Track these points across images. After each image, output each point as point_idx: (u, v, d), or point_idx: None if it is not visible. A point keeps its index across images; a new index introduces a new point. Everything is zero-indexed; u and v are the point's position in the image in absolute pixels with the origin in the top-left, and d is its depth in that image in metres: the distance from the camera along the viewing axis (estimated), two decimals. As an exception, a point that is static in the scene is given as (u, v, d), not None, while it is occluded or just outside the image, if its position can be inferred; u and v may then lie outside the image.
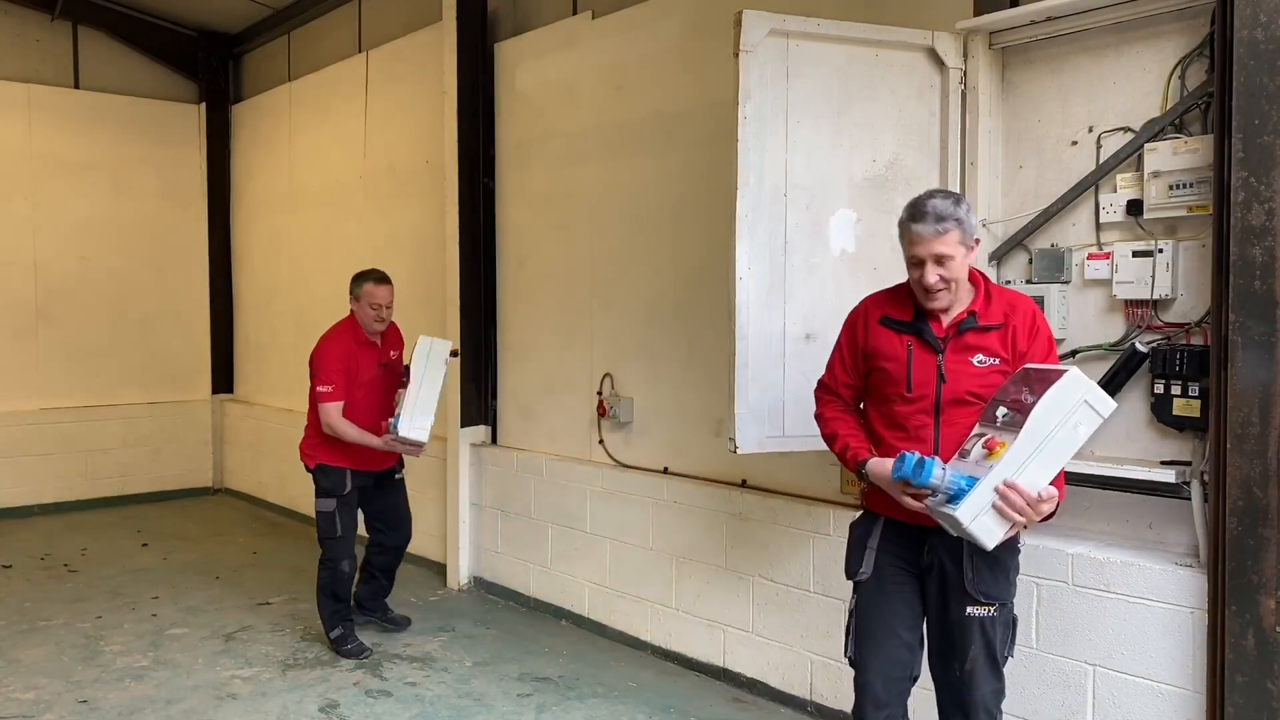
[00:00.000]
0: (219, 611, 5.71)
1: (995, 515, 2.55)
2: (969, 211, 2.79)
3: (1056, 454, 2.56)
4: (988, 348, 2.80)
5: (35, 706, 4.39)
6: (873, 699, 2.91)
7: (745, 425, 3.53)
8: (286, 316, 8.48)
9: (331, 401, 4.77)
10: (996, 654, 2.82)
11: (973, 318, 2.81)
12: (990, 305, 2.83)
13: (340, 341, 4.87)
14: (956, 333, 2.82)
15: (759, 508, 4.52)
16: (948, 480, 2.57)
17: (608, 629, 5.28)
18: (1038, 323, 2.82)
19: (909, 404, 2.85)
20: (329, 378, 4.77)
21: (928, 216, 2.74)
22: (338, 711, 4.35)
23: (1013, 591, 2.86)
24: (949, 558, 2.81)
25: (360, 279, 4.90)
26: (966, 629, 2.80)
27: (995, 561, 2.77)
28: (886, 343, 2.91)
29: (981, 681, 2.81)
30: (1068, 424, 2.54)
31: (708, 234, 4.67)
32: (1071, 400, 2.53)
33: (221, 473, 9.27)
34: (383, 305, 4.85)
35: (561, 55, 5.69)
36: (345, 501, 4.91)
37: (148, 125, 8.87)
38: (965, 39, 3.65)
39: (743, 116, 3.45)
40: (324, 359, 4.81)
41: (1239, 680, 2.96)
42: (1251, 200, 2.89)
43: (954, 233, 2.73)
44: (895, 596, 2.92)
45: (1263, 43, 2.87)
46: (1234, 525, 2.95)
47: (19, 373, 8.28)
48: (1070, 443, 2.57)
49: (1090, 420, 2.56)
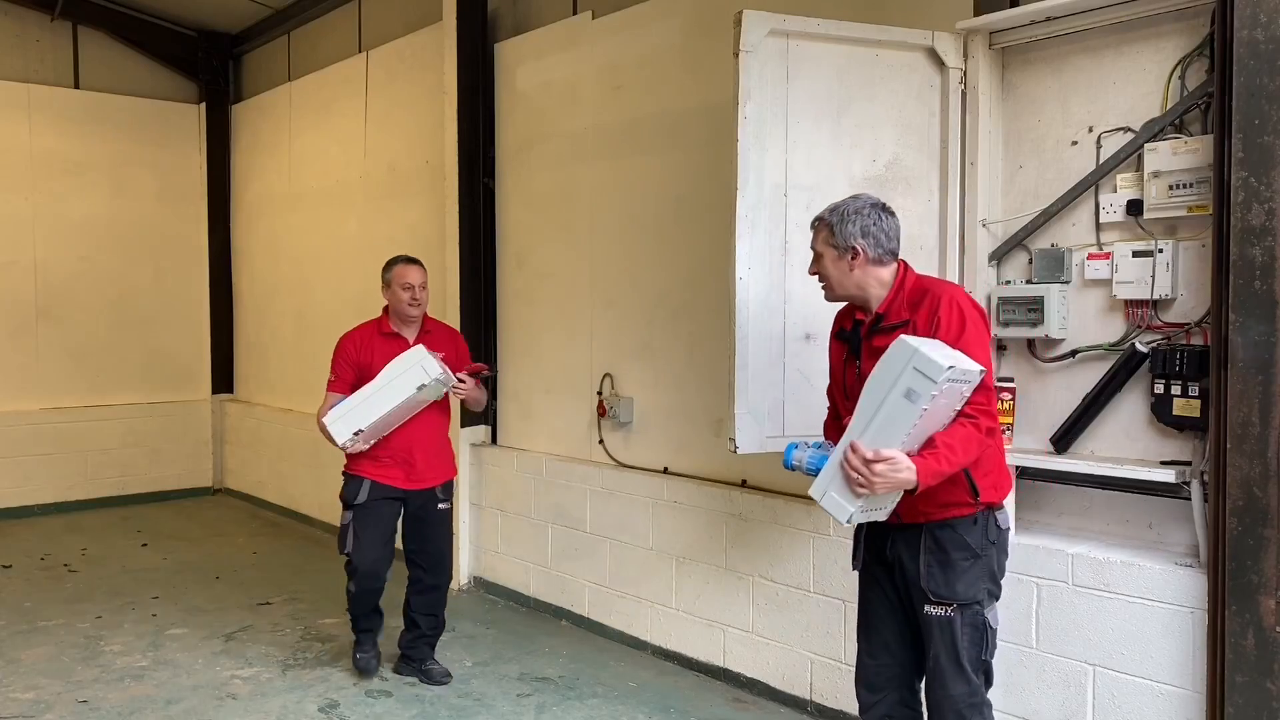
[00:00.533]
0: (219, 611, 5.71)
1: (842, 488, 2.62)
2: (851, 217, 2.83)
3: (894, 422, 2.56)
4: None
5: (35, 706, 4.39)
6: (865, 682, 3.05)
7: (745, 425, 3.53)
8: (286, 316, 8.48)
9: (330, 391, 4.46)
10: (960, 656, 2.79)
11: (878, 319, 2.88)
12: (896, 302, 2.86)
13: (357, 332, 4.52)
14: (866, 336, 2.90)
15: (759, 508, 4.52)
16: (806, 461, 2.72)
17: (608, 629, 5.28)
18: (939, 311, 2.74)
19: (849, 411, 2.85)
20: (334, 366, 4.48)
21: (818, 215, 2.96)
22: (338, 711, 4.35)
23: (976, 594, 2.81)
24: (907, 555, 2.87)
25: (390, 263, 4.51)
26: (926, 627, 2.85)
27: (947, 561, 2.80)
28: (834, 353, 3.07)
29: (948, 682, 2.81)
30: (897, 389, 2.54)
31: (708, 234, 4.67)
32: (896, 366, 2.55)
33: (221, 473, 9.27)
34: (415, 285, 4.42)
35: (562, 55, 5.69)
36: (361, 515, 4.43)
37: (148, 125, 8.87)
38: (965, 39, 3.65)
39: (743, 116, 3.45)
40: (337, 348, 4.52)
41: (1239, 680, 2.96)
42: (1251, 200, 2.89)
43: (821, 232, 2.92)
44: (874, 589, 3.03)
45: (1263, 43, 2.87)
46: (1234, 525, 2.95)
47: (19, 372, 8.29)
48: (907, 410, 2.54)
49: (922, 385, 2.51)
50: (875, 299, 2.89)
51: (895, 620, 2.98)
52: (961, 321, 2.74)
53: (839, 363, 3.02)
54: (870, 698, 3.02)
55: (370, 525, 4.46)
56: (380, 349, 4.41)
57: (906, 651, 2.99)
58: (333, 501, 7.97)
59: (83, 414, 8.53)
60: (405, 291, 4.41)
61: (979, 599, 2.83)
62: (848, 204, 2.90)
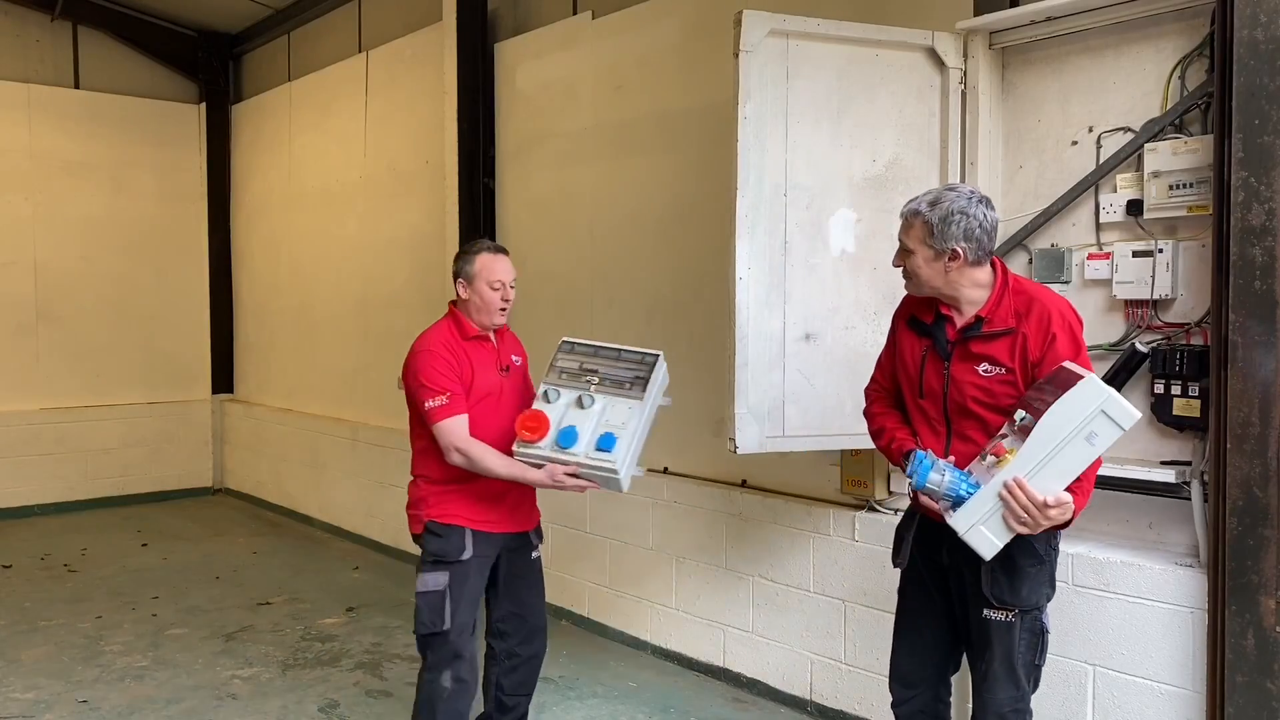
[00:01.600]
0: (219, 611, 5.71)
1: (997, 524, 2.48)
2: (954, 217, 2.61)
3: (1068, 464, 2.44)
4: (993, 356, 2.64)
5: (35, 706, 4.39)
6: (900, 678, 2.99)
7: (745, 425, 3.53)
8: (286, 316, 8.48)
9: (451, 416, 3.28)
10: (1015, 661, 2.74)
11: (978, 324, 2.67)
12: (1000, 307, 2.66)
13: (441, 338, 3.43)
14: (962, 339, 2.70)
15: (759, 508, 4.52)
16: (946, 485, 2.50)
17: (608, 629, 5.28)
18: (1053, 327, 2.59)
19: (922, 412, 2.81)
20: (438, 382, 3.29)
21: (911, 202, 2.72)
22: (338, 711, 4.35)
23: (1037, 600, 2.73)
24: (965, 561, 2.71)
25: (470, 253, 3.49)
26: (984, 632, 2.76)
27: (1012, 567, 2.68)
28: (908, 344, 2.85)
29: (996, 686, 2.76)
30: (1081, 434, 2.41)
31: (708, 234, 4.67)
32: (1086, 409, 2.40)
33: (221, 473, 9.27)
34: (505, 283, 3.45)
35: (561, 55, 5.69)
36: (460, 577, 3.37)
37: (148, 125, 8.87)
38: (965, 39, 3.65)
39: (743, 116, 3.45)
40: (423, 361, 3.35)
41: (1239, 680, 2.96)
42: (1251, 200, 2.89)
43: (916, 228, 2.67)
44: (920, 589, 2.93)
45: (1263, 43, 2.87)
46: (1234, 525, 2.95)
47: (19, 372, 8.29)
48: (1083, 453, 2.44)
49: (1108, 431, 2.41)
50: (969, 300, 2.69)
51: (938, 622, 2.91)
52: (1076, 344, 2.62)
53: (914, 357, 2.81)
54: (905, 693, 2.98)
55: (466, 592, 3.40)
56: (476, 357, 3.43)
57: (944, 651, 2.95)
58: (333, 502, 8.01)
59: (83, 414, 8.53)
60: (495, 291, 3.43)
61: (1040, 604, 2.76)
62: (950, 199, 2.64)
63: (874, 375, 3.05)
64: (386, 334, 7.15)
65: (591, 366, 3.32)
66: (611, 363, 3.32)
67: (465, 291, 3.45)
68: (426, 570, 3.38)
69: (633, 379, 3.28)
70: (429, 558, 3.39)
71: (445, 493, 3.40)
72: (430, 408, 3.28)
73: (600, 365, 3.32)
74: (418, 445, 3.46)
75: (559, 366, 3.34)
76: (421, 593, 3.37)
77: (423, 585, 3.37)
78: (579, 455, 3.16)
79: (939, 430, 2.75)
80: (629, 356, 3.33)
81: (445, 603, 3.35)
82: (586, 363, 3.33)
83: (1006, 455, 2.47)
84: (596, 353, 3.36)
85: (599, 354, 3.35)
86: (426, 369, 3.33)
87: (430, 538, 3.40)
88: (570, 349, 3.38)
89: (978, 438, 2.66)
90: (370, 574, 6.57)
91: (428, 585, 3.37)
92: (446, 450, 3.28)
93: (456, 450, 3.27)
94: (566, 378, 3.31)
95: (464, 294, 3.46)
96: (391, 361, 7.07)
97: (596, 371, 3.31)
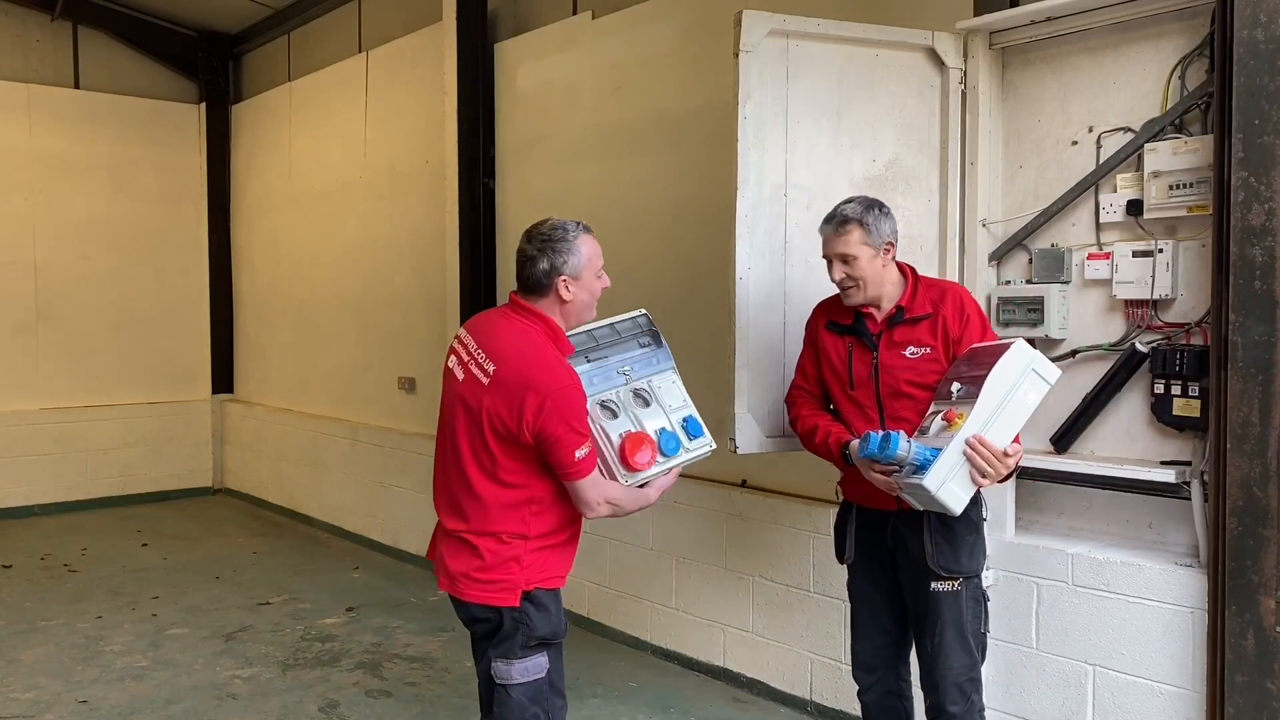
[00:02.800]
0: (219, 611, 5.71)
1: (961, 480, 2.71)
2: (882, 215, 2.95)
3: (1012, 419, 2.74)
4: (918, 339, 2.95)
5: (35, 706, 4.39)
6: (861, 664, 3.20)
7: (745, 425, 3.53)
8: (286, 316, 8.48)
9: (595, 465, 2.67)
10: (965, 629, 2.93)
11: (900, 312, 2.98)
12: (917, 297, 2.99)
13: (564, 363, 2.70)
14: (887, 328, 2.99)
15: (759, 508, 4.52)
16: (913, 452, 2.71)
17: (608, 629, 5.28)
18: (966, 308, 2.96)
19: (854, 403, 3.03)
20: (585, 427, 2.64)
21: (833, 219, 2.98)
22: (338, 711, 4.35)
23: (975, 566, 2.97)
24: (910, 537, 2.96)
25: (568, 239, 2.71)
26: (933, 604, 2.94)
27: (953, 536, 2.92)
28: (831, 345, 3.11)
29: (950, 656, 2.92)
30: (1018, 389, 2.74)
31: (708, 234, 4.67)
32: (1020, 366, 2.74)
33: (221, 473, 9.27)
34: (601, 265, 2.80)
35: (561, 55, 5.69)
36: (559, 655, 2.78)
37: (148, 125, 8.87)
38: (965, 39, 3.65)
39: (743, 116, 3.44)
40: (575, 400, 2.62)
41: (1239, 680, 2.96)
42: (1251, 200, 2.89)
43: (855, 233, 2.93)
44: (871, 577, 3.13)
45: (1263, 43, 2.87)
46: (1234, 525, 2.95)
47: (19, 372, 8.28)
48: (1022, 408, 2.76)
49: (1038, 386, 2.77)
50: (889, 296, 3.01)
51: (888, 603, 3.11)
52: (984, 320, 3.00)
53: (840, 354, 3.08)
54: (868, 678, 3.18)
55: (561, 668, 2.80)
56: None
57: (899, 632, 3.14)
58: (333, 502, 8.00)
59: (83, 414, 8.53)
60: (599, 279, 2.80)
61: (979, 570, 2.99)
62: (867, 205, 2.97)
63: (795, 381, 3.29)
64: (386, 334, 7.16)
65: (600, 355, 2.96)
66: (615, 342, 3.00)
67: (569, 293, 2.69)
68: (527, 654, 2.66)
69: (647, 346, 3.03)
70: (532, 640, 2.65)
71: (545, 550, 2.71)
72: (581, 458, 2.59)
73: (609, 350, 2.99)
74: (522, 494, 2.65)
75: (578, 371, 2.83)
76: (520, 684, 2.66)
77: (521, 674, 2.66)
78: (681, 455, 2.89)
79: (872, 416, 3.00)
80: (623, 327, 3.01)
81: (545, 697, 2.70)
82: (592, 353, 2.95)
83: (958, 419, 2.73)
84: (594, 338, 2.96)
85: (598, 341, 2.96)
86: (578, 410, 2.61)
87: (534, 613, 2.65)
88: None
89: (911, 416, 2.92)
90: (370, 574, 6.57)
91: (528, 674, 2.66)
92: (593, 505, 2.65)
93: (608, 503, 2.67)
94: (599, 379, 2.90)
95: (567, 295, 2.69)
96: (392, 361, 7.13)
97: (607, 358, 2.96)
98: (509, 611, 2.65)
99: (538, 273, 2.69)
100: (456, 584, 2.70)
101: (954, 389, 2.80)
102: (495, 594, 2.65)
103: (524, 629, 2.65)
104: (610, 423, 2.82)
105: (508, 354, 2.65)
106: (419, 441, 6.64)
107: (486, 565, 2.65)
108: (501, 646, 2.67)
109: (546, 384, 2.57)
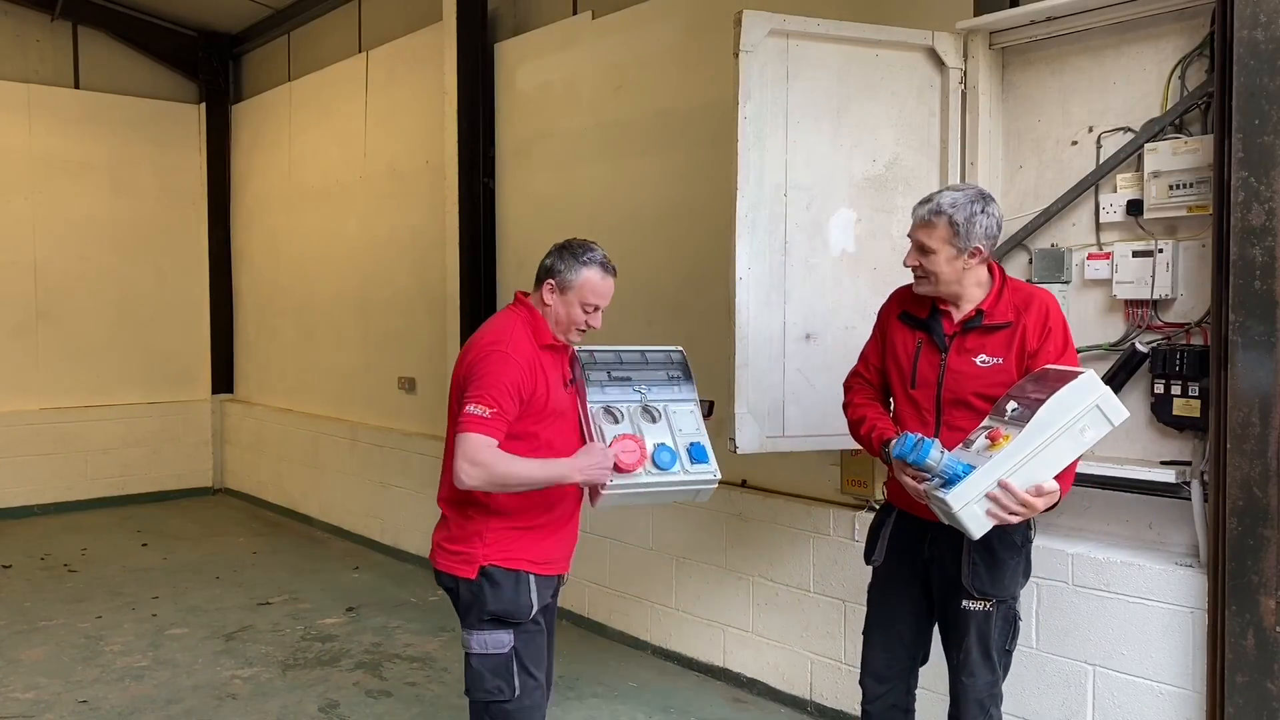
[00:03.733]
0: (219, 611, 5.71)
1: (987, 506, 2.55)
2: (981, 215, 2.70)
3: (1059, 454, 2.53)
4: (991, 348, 2.74)
5: (35, 706, 4.39)
6: (873, 673, 3.04)
7: (745, 425, 3.53)
8: (286, 316, 8.48)
9: (485, 433, 2.66)
10: (990, 648, 2.83)
11: (979, 316, 2.77)
12: (1000, 303, 2.78)
13: (523, 342, 2.81)
14: (961, 332, 2.79)
15: (759, 508, 4.52)
16: (944, 463, 2.56)
17: (608, 629, 5.28)
18: (1050, 320, 2.73)
19: (912, 402, 2.87)
20: (495, 394, 2.69)
21: (927, 203, 2.77)
22: (338, 711, 4.35)
23: (1014, 589, 2.83)
24: (949, 553, 2.81)
25: (579, 260, 2.87)
26: (962, 622, 2.83)
27: (993, 559, 2.76)
28: (900, 337, 2.92)
29: (974, 674, 2.84)
30: (1075, 426, 2.51)
31: (708, 234, 4.67)
32: (1082, 403, 2.50)
33: (221, 473, 9.27)
34: (600, 309, 2.91)
35: (561, 55, 5.69)
36: (530, 637, 2.86)
37: (148, 125, 8.87)
38: (965, 39, 3.65)
39: (743, 116, 3.44)
40: (495, 364, 2.73)
41: (1239, 680, 2.96)
42: (1251, 200, 2.89)
43: (941, 229, 2.72)
44: (898, 584, 2.98)
45: (1263, 43, 2.86)
46: (1234, 525, 2.95)
47: (19, 372, 8.28)
48: (1075, 445, 2.54)
49: (1099, 425, 2.53)
50: (971, 298, 2.80)
51: (911, 614, 2.98)
52: (1066, 338, 2.75)
53: (908, 350, 2.88)
54: (878, 688, 3.03)
55: (537, 650, 2.89)
56: (550, 367, 2.86)
57: (918, 645, 3.02)
58: (333, 502, 8.00)
59: (83, 414, 8.53)
60: (584, 314, 2.88)
61: (1016, 594, 2.85)
62: (969, 201, 2.72)
63: (856, 368, 3.11)
64: (386, 334, 7.16)
65: (623, 374, 3.04)
66: (641, 367, 3.09)
67: (550, 297, 2.87)
68: (484, 628, 2.79)
69: (673, 379, 3.11)
70: (485, 615, 2.78)
71: (515, 530, 2.81)
72: (471, 412, 2.65)
73: (633, 373, 3.07)
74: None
75: (593, 379, 3.01)
76: (480, 655, 2.80)
77: (480, 645, 2.80)
78: (677, 473, 2.90)
79: (928, 420, 2.82)
80: (654, 357, 3.13)
81: (514, 669, 2.80)
82: (615, 370, 3.04)
83: (1002, 440, 2.53)
84: (620, 359, 3.08)
85: (623, 361, 3.08)
86: (493, 375, 2.70)
87: (488, 588, 2.78)
88: (591, 359, 3.06)
89: (967, 426, 2.72)
90: (370, 574, 6.57)
91: (487, 646, 2.79)
92: (459, 462, 2.64)
93: (474, 465, 2.62)
94: (614, 391, 2.99)
95: (547, 299, 2.87)
96: (392, 361, 7.13)
97: (630, 379, 3.04)
98: (465, 583, 2.82)
99: (541, 266, 2.94)
100: (433, 552, 2.93)
101: (1009, 407, 2.59)
102: (456, 564, 2.83)
103: (476, 603, 2.81)
104: (609, 426, 2.92)
105: (479, 330, 2.94)
106: (419, 441, 6.64)
107: (453, 536, 2.86)
108: (463, 617, 2.87)
109: (484, 345, 2.80)
